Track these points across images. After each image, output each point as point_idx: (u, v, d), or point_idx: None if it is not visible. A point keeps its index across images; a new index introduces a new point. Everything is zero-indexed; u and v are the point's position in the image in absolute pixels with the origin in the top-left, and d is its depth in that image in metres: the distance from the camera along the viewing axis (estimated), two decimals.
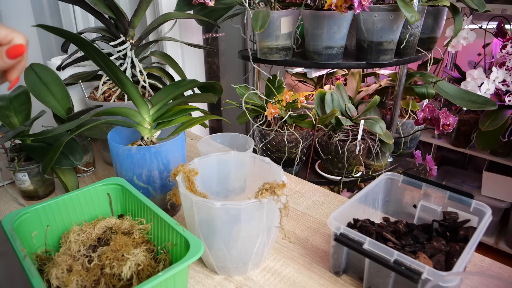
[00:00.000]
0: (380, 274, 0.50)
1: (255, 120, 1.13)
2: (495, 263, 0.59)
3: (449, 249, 0.53)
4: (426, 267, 0.44)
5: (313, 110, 1.11)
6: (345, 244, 0.51)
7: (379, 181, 0.64)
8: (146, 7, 0.84)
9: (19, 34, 0.42)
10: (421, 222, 0.62)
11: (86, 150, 0.86)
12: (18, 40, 0.41)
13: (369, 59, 1.00)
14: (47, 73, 0.80)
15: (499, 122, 1.41)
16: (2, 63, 0.41)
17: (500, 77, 1.38)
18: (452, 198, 0.59)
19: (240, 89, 1.10)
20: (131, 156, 0.62)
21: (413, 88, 1.18)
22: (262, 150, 1.14)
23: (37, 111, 0.78)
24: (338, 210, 0.55)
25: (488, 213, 0.55)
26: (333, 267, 0.57)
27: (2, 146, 0.76)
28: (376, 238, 0.54)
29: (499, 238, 1.79)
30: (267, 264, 0.59)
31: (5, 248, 0.88)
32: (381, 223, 0.61)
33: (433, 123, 1.06)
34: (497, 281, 0.40)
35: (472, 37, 1.33)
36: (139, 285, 0.38)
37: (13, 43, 0.41)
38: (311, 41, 0.99)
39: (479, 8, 0.96)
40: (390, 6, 0.91)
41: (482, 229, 0.52)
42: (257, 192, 0.48)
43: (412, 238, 0.56)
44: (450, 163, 2.10)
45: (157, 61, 1.11)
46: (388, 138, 1.13)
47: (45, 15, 1.10)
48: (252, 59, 1.07)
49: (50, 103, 0.80)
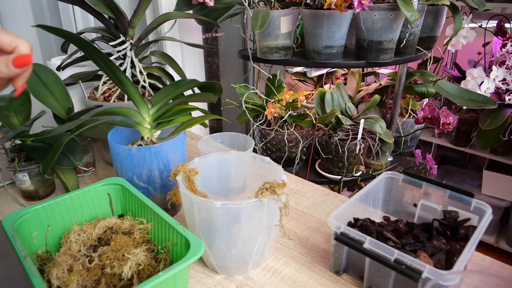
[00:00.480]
0: (381, 273, 0.50)
1: (255, 120, 1.13)
2: (496, 262, 0.59)
3: (449, 248, 0.53)
4: (427, 266, 0.44)
5: (313, 110, 1.11)
6: (345, 243, 0.51)
7: (380, 180, 0.64)
8: (146, 7, 0.84)
9: (24, 41, 0.41)
10: (422, 221, 0.62)
11: (86, 150, 0.86)
12: (24, 48, 0.41)
13: (369, 58, 1.00)
14: (47, 73, 0.80)
15: (499, 121, 1.40)
16: (8, 72, 0.40)
17: (500, 76, 1.37)
18: (452, 197, 0.59)
19: (240, 89, 1.10)
20: (131, 156, 0.62)
21: (413, 87, 1.18)
22: (262, 149, 1.14)
23: (37, 111, 0.78)
24: (339, 210, 0.55)
25: (489, 212, 0.55)
26: (334, 266, 0.57)
27: (2, 147, 0.76)
28: (376, 237, 0.54)
29: (500, 237, 1.79)
30: (267, 263, 0.59)
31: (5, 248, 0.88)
32: (382, 222, 0.61)
33: (433, 122, 1.06)
34: (497, 280, 0.40)
35: (472, 36, 1.33)
36: (139, 285, 0.38)
37: (19, 51, 0.41)
38: (311, 41, 0.99)
39: (479, 7, 0.96)
40: (390, 5, 0.91)
41: (482, 228, 0.52)
42: (257, 192, 0.48)
43: (413, 237, 0.56)
44: (450, 162, 2.10)
45: (157, 61, 1.11)
46: (388, 137, 1.13)
47: (45, 15, 1.10)
48: (252, 58, 1.07)
49: (50, 103, 0.80)
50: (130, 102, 0.77)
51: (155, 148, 0.62)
